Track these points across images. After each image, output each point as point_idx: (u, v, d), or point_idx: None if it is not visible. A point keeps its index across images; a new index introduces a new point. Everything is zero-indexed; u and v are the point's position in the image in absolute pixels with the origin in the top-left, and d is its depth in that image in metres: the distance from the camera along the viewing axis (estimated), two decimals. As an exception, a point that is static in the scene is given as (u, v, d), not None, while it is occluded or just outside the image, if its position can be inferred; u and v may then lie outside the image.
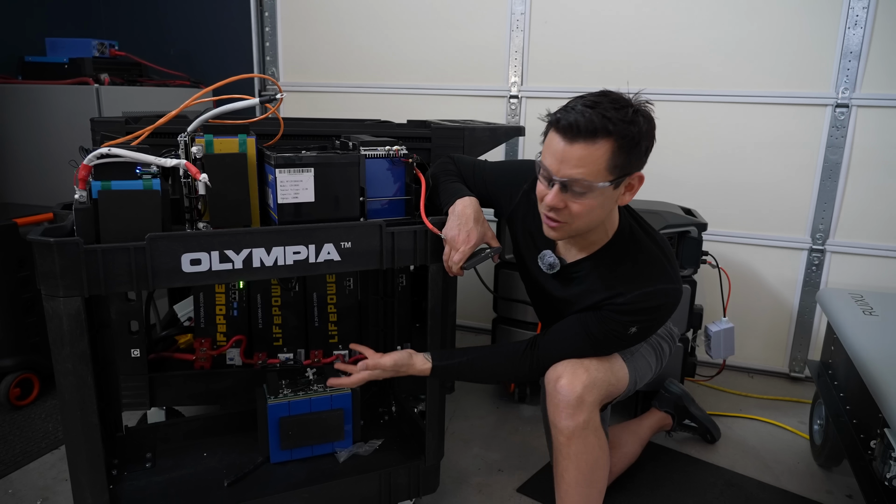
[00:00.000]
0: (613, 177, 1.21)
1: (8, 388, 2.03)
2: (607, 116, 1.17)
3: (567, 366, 1.35)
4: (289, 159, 1.27)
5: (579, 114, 1.18)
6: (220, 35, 3.11)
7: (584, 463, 1.36)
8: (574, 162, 1.20)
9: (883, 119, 2.18)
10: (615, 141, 1.18)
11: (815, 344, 2.40)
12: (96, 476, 1.21)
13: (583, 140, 1.18)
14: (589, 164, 1.19)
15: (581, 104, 1.20)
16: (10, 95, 2.51)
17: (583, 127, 1.17)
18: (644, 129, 1.21)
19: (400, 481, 1.52)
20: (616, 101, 1.20)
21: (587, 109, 1.18)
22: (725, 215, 2.41)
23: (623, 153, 1.19)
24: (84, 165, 1.11)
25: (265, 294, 1.78)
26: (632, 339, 1.36)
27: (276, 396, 1.50)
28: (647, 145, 1.23)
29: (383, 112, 2.47)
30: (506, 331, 2.19)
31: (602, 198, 1.24)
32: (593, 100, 1.20)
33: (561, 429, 1.35)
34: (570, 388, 1.32)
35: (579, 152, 1.19)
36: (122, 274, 1.11)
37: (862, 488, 1.45)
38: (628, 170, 1.23)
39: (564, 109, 1.21)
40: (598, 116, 1.17)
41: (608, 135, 1.17)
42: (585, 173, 1.20)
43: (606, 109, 1.18)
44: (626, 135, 1.18)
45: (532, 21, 2.52)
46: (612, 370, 1.39)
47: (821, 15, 2.18)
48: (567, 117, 1.19)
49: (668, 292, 1.33)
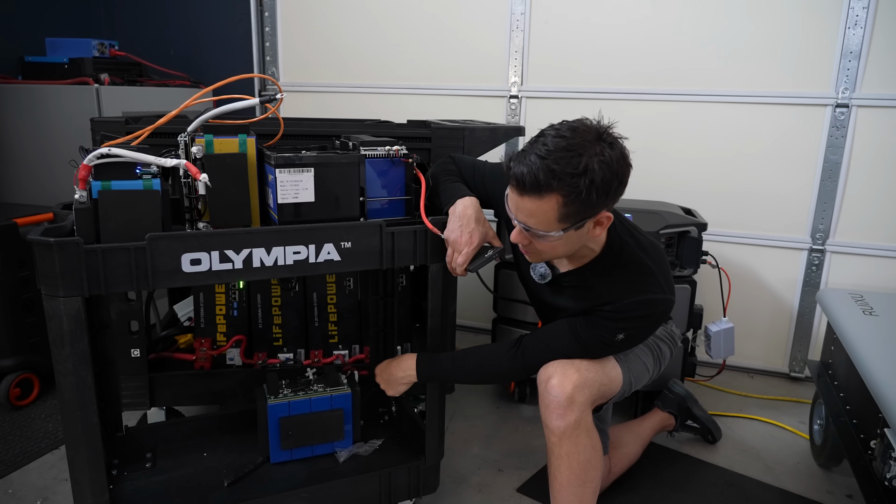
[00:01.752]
0: (567, 225, 1.21)
1: (8, 388, 2.03)
2: (553, 170, 1.14)
3: (558, 366, 1.36)
4: (289, 159, 1.28)
5: (528, 165, 1.16)
6: (220, 35, 3.11)
7: (577, 463, 1.37)
8: (525, 213, 1.22)
9: (883, 119, 2.18)
10: (562, 196, 1.16)
11: (815, 344, 2.40)
12: (96, 476, 1.21)
13: (530, 194, 1.18)
14: (538, 215, 1.20)
15: (535, 152, 1.17)
16: (10, 95, 2.51)
17: (528, 183, 1.16)
18: (598, 179, 1.15)
19: (400, 481, 1.52)
20: (571, 148, 1.15)
21: (537, 160, 1.15)
22: (725, 215, 2.41)
23: (573, 205, 1.17)
24: (84, 165, 1.11)
25: (265, 294, 1.78)
26: (620, 345, 1.37)
27: (276, 396, 1.50)
28: (604, 194, 1.18)
29: (383, 112, 2.47)
30: (506, 331, 2.18)
31: (564, 239, 1.24)
32: (547, 147, 1.16)
33: (552, 429, 1.36)
34: (561, 389, 1.33)
35: (528, 205, 1.20)
36: (122, 274, 1.11)
37: (862, 488, 1.45)
38: (583, 217, 1.21)
39: (520, 156, 1.19)
40: (545, 171, 1.14)
41: (552, 190, 1.16)
42: (537, 223, 1.21)
43: (557, 161, 1.14)
44: (573, 190, 1.15)
45: (532, 21, 2.52)
46: (603, 370, 1.39)
47: (821, 15, 2.18)
48: (517, 168, 1.18)
49: (657, 302, 1.33)
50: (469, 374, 1.48)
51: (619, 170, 1.18)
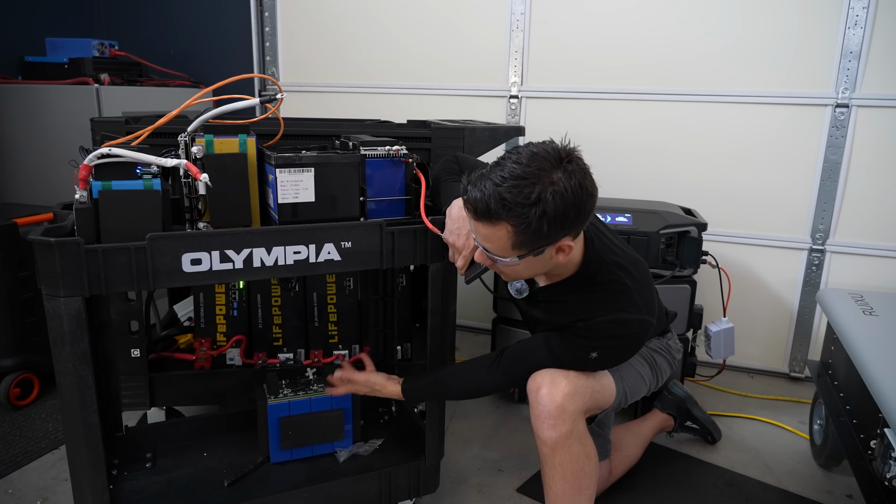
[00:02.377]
0: (521, 253, 1.19)
1: (8, 388, 2.03)
2: (504, 200, 1.12)
3: (547, 375, 1.34)
4: (289, 159, 1.28)
5: (482, 191, 1.14)
6: (220, 35, 3.11)
7: (570, 472, 1.35)
8: (481, 237, 1.21)
9: (883, 119, 2.18)
10: (511, 226, 1.15)
11: (815, 344, 2.40)
12: (96, 476, 1.21)
13: (482, 221, 1.17)
14: (493, 241, 1.19)
15: (490, 178, 1.15)
16: (10, 95, 2.51)
17: (479, 210, 1.16)
18: (551, 210, 1.12)
19: (400, 481, 1.52)
20: (525, 176, 1.13)
21: (491, 187, 1.14)
22: (725, 215, 2.41)
23: (523, 235, 1.16)
24: (84, 165, 1.11)
25: (265, 294, 1.78)
26: (594, 363, 1.35)
27: (276, 396, 1.50)
28: (558, 222, 1.15)
29: (383, 112, 2.47)
30: (506, 331, 2.19)
31: (524, 265, 1.23)
32: (503, 174, 1.14)
33: (544, 440, 1.34)
34: (550, 399, 1.31)
35: (483, 230, 1.19)
36: (122, 274, 1.11)
37: (862, 488, 1.45)
38: (538, 245, 1.19)
39: (477, 180, 1.17)
40: (496, 199, 1.13)
41: (502, 219, 1.15)
42: (493, 249, 1.21)
43: (510, 189, 1.12)
44: (523, 220, 1.13)
45: (532, 21, 2.52)
46: (595, 377, 1.38)
47: (821, 15, 2.18)
48: (472, 193, 1.16)
49: (631, 322, 1.31)
50: (455, 394, 1.53)
51: (575, 200, 1.14)
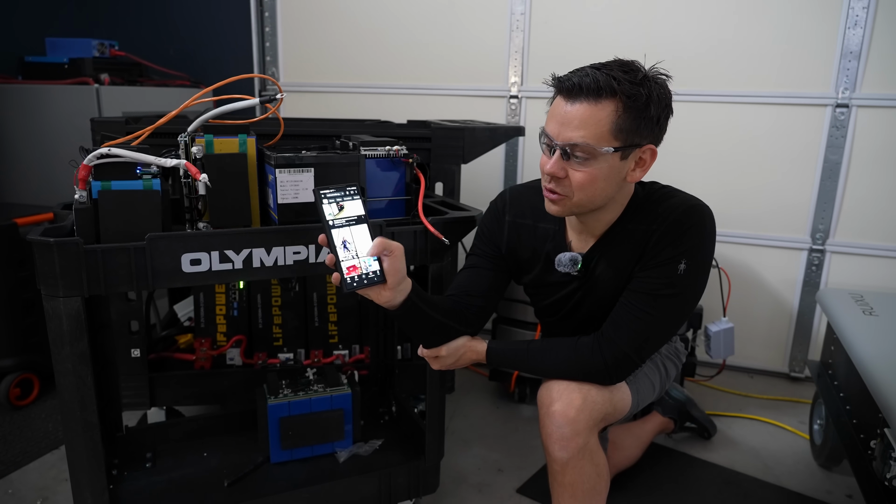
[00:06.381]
0: (619, 143, 1.13)
1: (8, 388, 2.03)
2: (614, 76, 1.11)
3: (562, 389, 1.25)
4: (289, 159, 1.27)
5: (584, 74, 1.12)
6: (220, 35, 3.11)
7: (581, 492, 1.27)
8: (576, 123, 1.13)
9: (883, 119, 2.18)
10: (621, 101, 1.11)
11: (815, 344, 2.40)
12: (96, 476, 1.21)
13: (585, 99, 1.12)
14: (591, 125, 1.12)
15: (589, 67, 1.15)
16: (10, 95, 2.51)
17: (586, 86, 1.11)
18: (655, 94, 1.13)
19: (400, 481, 1.52)
20: (626, 64, 1.15)
21: (594, 70, 1.13)
22: (725, 215, 2.40)
23: (630, 116, 1.12)
24: (84, 165, 1.11)
25: (265, 294, 1.78)
26: (684, 281, 1.22)
27: (276, 396, 1.50)
28: (658, 114, 1.15)
29: (383, 112, 2.47)
30: (506, 331, 2.19)
31: (606, 167, 1.15)
32: (602, 63, 1.15)
33: (555, 458, 1.26)
34: (564, 417, 1.22)
35: (581, 113, 1.12)
36: (122, 274, 1.11)
37: (862, 488, 1.45)
38: (637, 138, 1.15)
39: (570, 72, 1.16)
40: (604, 76, 1.11)
41: (613, 94, 1.11)
42: (587, 136, 1.13)
43: (614, 70, 1.12)
44: (633, 95, 1.11)
45: (532, 21, 2.52)
46: (610, 391, 1.28)
47: (821, 15, 2.18)
48: (571, 77, 1.14)
49: (704, 208, 1.25)
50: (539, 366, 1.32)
51: (666, 98, 1.17)
